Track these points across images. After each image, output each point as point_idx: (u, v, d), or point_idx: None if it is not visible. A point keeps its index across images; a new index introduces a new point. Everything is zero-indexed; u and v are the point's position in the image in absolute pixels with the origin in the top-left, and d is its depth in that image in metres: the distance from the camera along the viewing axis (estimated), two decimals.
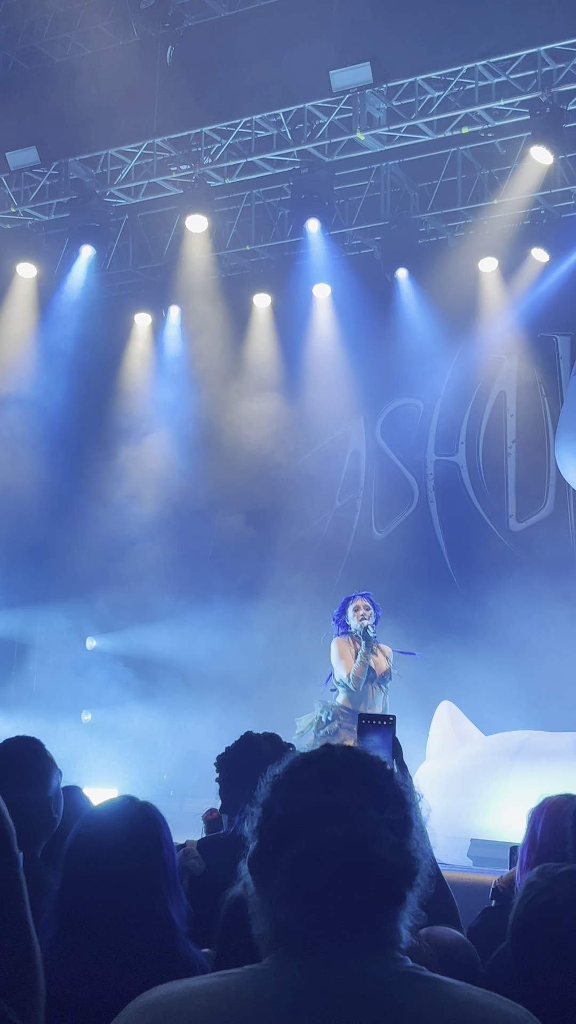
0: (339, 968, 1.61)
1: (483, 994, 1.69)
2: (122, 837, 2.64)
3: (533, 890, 2.55)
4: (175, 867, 2.71)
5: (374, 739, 2.97)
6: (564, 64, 9.82)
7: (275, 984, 1.62)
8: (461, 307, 12.18)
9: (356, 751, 1.78)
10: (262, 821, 1.72)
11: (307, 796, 1.68)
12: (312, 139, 10.90)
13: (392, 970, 1.65)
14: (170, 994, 1.65)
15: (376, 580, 11.95)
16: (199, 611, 12.13)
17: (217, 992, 1.63)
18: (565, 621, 10.48)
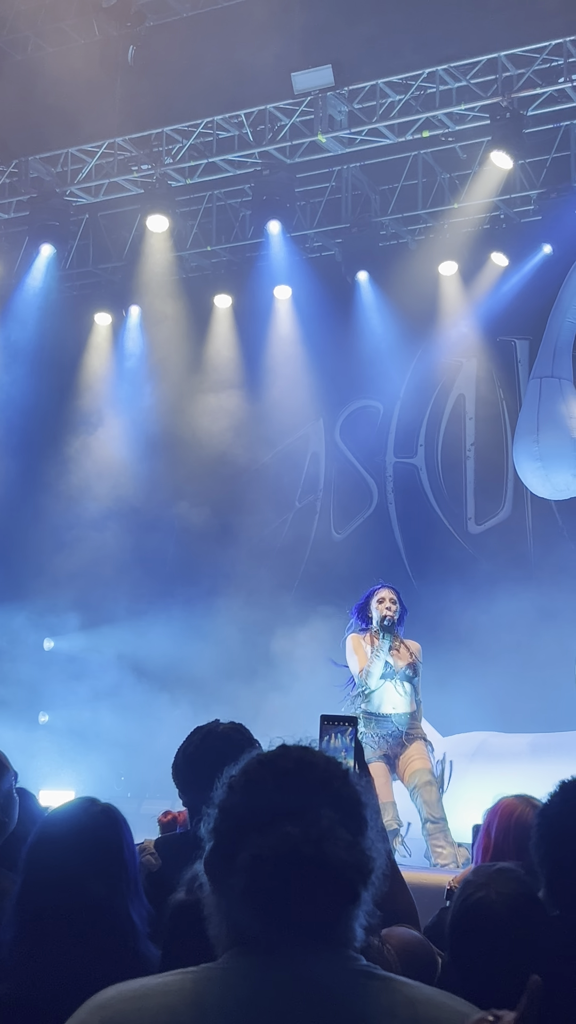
0: (294, 966, 1.62)
1: (436, 992, 1.71)
2: (84, 839, 2.63)
3: (468, 888, 2.57)
4: (137, 869, 2.71)
5: (335, 741, 2.96)
6: (524, 70, 9.89)
7: (230, 982, 1.63)
8: (421, 310, 12.23)
9: (311, 751, 1.78)
10: (218, 821, 1.72)
11: (262, 796, 1.69)
12: (273, 141, 10.91)
13: (346, 968, 1.66)
14: (123, 993, 1.65)
15: (335, 582, 11.99)
16: (158, 611, 12.11)
17: (172, 990, 1.63)
18: (522, 624, 10.54)
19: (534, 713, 10.59)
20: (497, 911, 2.47)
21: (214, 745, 3.26)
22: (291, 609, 11.84)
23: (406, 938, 2.82)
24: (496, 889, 2.52)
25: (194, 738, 3.38)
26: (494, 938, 2.43)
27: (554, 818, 2.70)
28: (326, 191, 12.42)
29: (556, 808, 2.71)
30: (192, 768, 3.27)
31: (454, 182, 11.85)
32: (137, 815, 5.30)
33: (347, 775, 1.76)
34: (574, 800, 2.70)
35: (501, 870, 2.60)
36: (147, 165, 11.44)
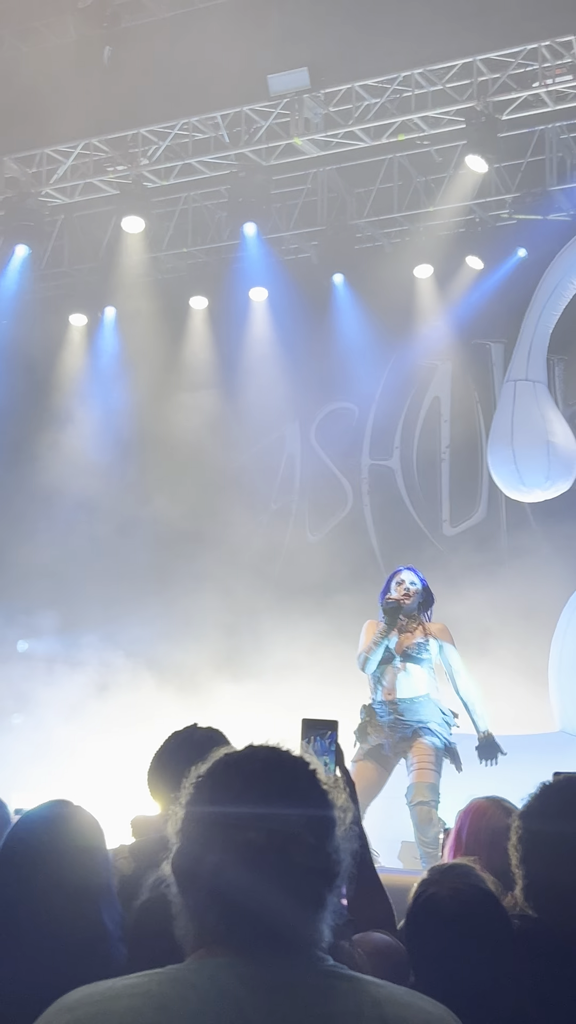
0: (259, 967, 1.63)
1: (404, 992, 1.73)
2: (56, 842, 2.63)
3: (421, 887, 2.60)
4: (109, 873, 2.71)
5: (316, 744, 2.95)
6: (499, 74, 9.93)
7: (195, 983, 1.63)
8: (396, 313, 12.26)
9: (279, 751, 1.78)
10: (184, 823, 1.73)
11: (228, 799, 1.69)
12: (250, 143, 10.91)
13: (313, 969, 1.67)
14: (90, 995, 1.65)
15: (310, 583, 12.01)
16: (132, 613, 12.08)
17: (138, 992, 1.63)
18: (496, 625, 10.58)
19: (508, 715, 10.62)
20: (447, 906, 2.50)
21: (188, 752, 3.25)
22: (266, 611, 11.84)
23: (378, 943, 2.83)
24: (447, 885, 2.54)
25: (169, 744, 3.37)
26: (445, 932, 2.46)
27: (533, 821, 2.71)
28: (302, 193, 12.44)
29: (535, 811, 2.73)
30: (166, 774, 3.26)
31: (429, 185, 11.88)
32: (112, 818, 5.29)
33: (314, 775, 1.76)
34: (553, 803, 2.72)
35: (453, 866, 2.63)
36: (123, 166, 11.42)
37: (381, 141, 10.70)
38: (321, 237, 12.33)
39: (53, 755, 11.43)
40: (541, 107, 10.12)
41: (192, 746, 3.31)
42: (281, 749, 1.79)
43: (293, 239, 12.83)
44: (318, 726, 2.98)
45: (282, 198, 12.41)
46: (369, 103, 10.39)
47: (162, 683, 11.47)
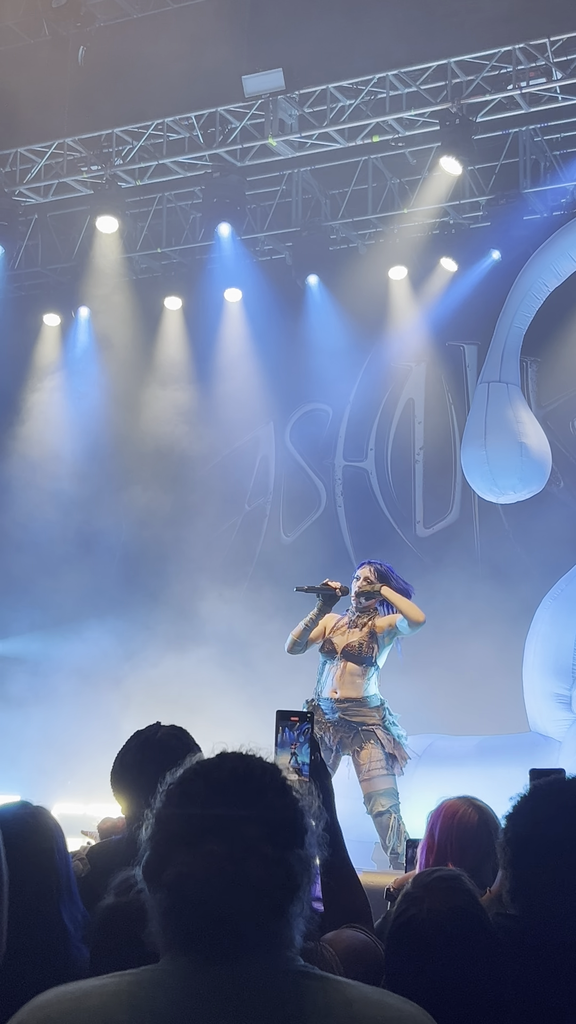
0: (229, 968, 1.65)
1: (375, 991, 1.73)
2: (14, 843, 2.62)
3: (403, 904, 2.57)
4: (69, 873, 2.70)
5: (287, 736, 2.97)
6: (473, 76, 9.96)
7: (166, 984, 1.65)
8: (371, 314, 12.27)
9: (249, 759, 1.79)
10: (154, 830, 1.75)
11: (194, 808, 1.71)
12: (224, 143, 10.90)
13: (282, 969, 1.68)
14: (63, 995, 1.67)
15: (284, 584, 11.97)
16: (104, 613, 12.04)
17: (110, 992, 1.65)
18: (469, 626, 10.60)
19: (481, 716, 10.65)
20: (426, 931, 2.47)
21: (150, 753, 3.24)
22: (240, 611, 11.83)
23: (351, 942, 2.82)
24: (428, 905, 2.50)
25: (131, 744, 3.36)
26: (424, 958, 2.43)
27: (521, 822, 2.72)
28: (276, 194, 12.44)
29: (525, 813, 2.74)
30: (128, 775, 3.25)
31: (404, 187, 11.91)
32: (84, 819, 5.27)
33: (283, 784, 1.77)
34: (542, 805, 2.72)
35: (440, 879, 2.59)
36: (97, 166, 11.39)
37: (356, 143, 10.72)
38: (295, 238, 12.33)
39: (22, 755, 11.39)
40: (515, 109, 10.15)
41: (153, 746, 3.30)
42: (252, 757, 1.80)
43: (268, 240, 12.83)
44: (291, 717, 3.00)
45: (256, 199, 12.41)
46: (344, 104, 10.40)
47: (133, 682, 11.43)
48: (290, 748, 2.94)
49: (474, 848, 3.51)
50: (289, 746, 2.95)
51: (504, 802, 2.88)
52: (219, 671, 11.11)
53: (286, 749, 2.96)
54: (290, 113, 10.46)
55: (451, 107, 9.99)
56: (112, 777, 3.35)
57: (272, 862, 1.67)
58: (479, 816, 3.57)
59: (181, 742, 3.31)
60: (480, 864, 3.46)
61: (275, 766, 1.80)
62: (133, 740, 3.37)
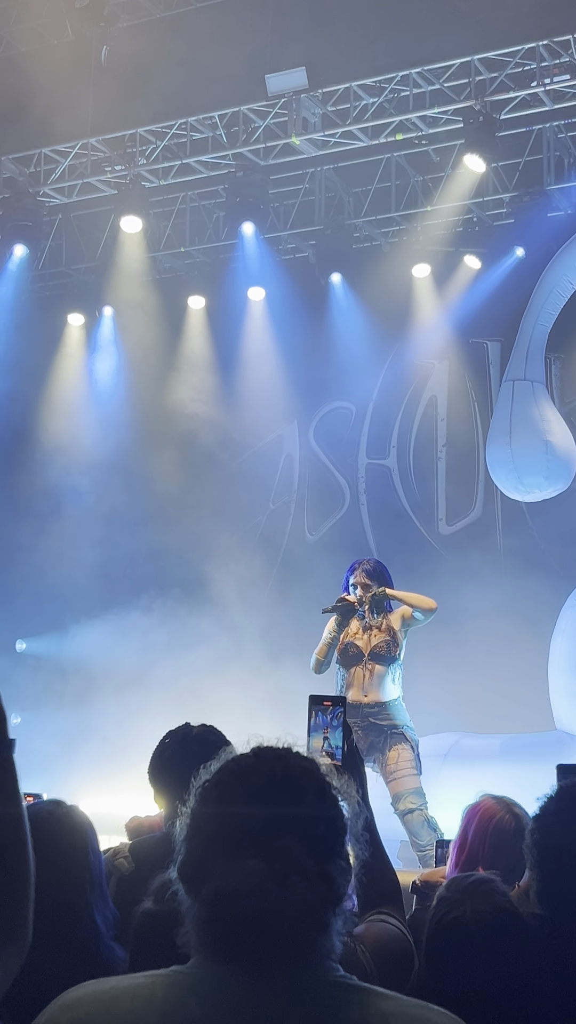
0: (264, 977, 1.62)
1: (413, 1004, 1.69)
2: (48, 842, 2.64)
3: (443, 906, 2.56)
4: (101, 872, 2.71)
5: (320, 721, 2.99)
6: (497, 73, 9.93)
7: (199, 990, 1.62)
8: (394, 312, 12.26)
9: (287, 758, 1.74)
10: (190, 832, 1.71)
11: (231, 813, 1.67)
12: (247, 142, 10.91)
13: (320, 980, 1.65)
14: (93, 994, 1.66)
15: (309, 582, 12.01)
16: (131, 613, 12.07)
17: (142, 994, 1.63)
18: (493, 625, 10.58)
19: (506, 714, 10.63)
20: (472, 931, 2.46)
21: (190, 748, 3.26)
22: (265, 609, 11.85)
23: (382, 937, 2.82)
24: (471, 907, 2.50)
25: (169, 741, 3.38)
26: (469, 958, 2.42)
27: (548, 823, 2.72)
28: (300, 193, 12.44)
29: (551, 814, 2.73)
30: (168, 771, 3.27)
31: (427, 185, 11.89)
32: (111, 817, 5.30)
33: (323, 785, 1.73)
34: (569, 806, 2.72)
35: (477, 883, 2.59)
36: (120, 166, 11.42)
37: (379, 141, 10.70)
38: (319, 237, 12.33)
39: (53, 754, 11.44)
40: (539, 106, 10.13)
41: (192, 741, 3.32)
42: (289, 754, 1.75)
43: (291, 239, 12.84)
44: (324, 702, 3.01)
45: (280, 198, 12.41)
46: (367, 103, 10.39)
47: (160, 682, 11.46)
48: (323, 732, 2.96)
49: (507, 853, 3.50)
50: (322, 730, 2.96)
51: (529, 801, 2.88)
52: (244, 668, 11.13)
53: (319, 733, 2.97)
54: (313, 111, 10.46)
55: (475, 104, 9.97)
56: (150, 774, 3.37)
57: (315, 878, 1.63)
58: (515, 823, 3.55)
59: (216, 736, 3.33)
60: (511, 869, 3.46)
61: (314, 764, 1.75)
62: (169, 737, 3.39)
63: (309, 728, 2.97)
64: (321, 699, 3.02)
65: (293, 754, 1.76)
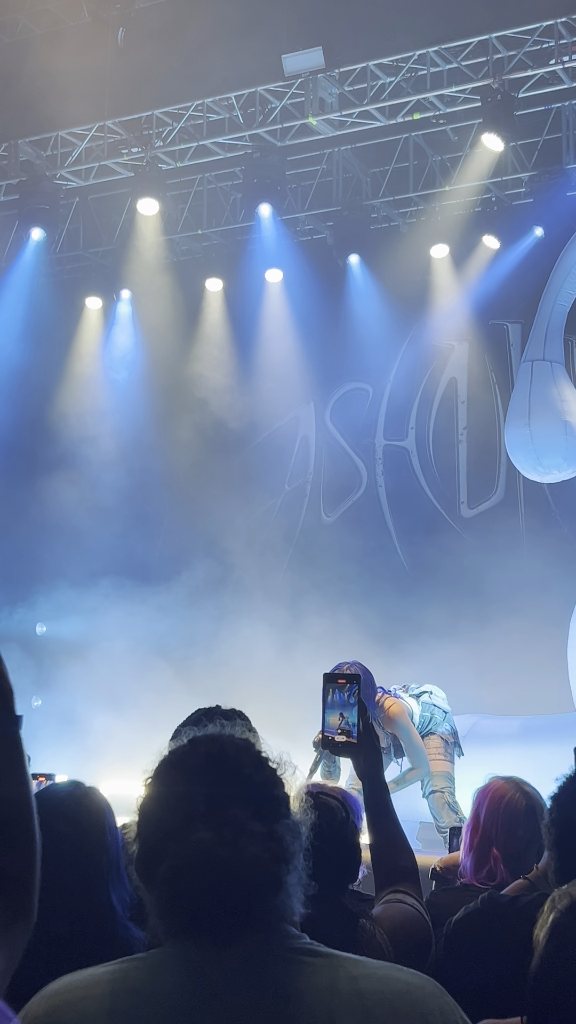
0: (230, 949, 1.65)
1: (382, 966, 1.73)
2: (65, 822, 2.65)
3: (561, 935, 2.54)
4: (119, 853, 2.73)
5: (335, 698, 2.99)
6: (515, 51, 9.86)
7: (168, 967, 1.67)
8: (412, 293, 12.22)
9: (220, 740, 1.80)
10: (140, 826, 1.77)
11: (175, 799, 1.73)
12: (264, 123, 10.87)
13: (284, 947, 1.69)
14: (71, 983, 1.71)
15: (325, 564, 12.04)
16: (147, 596, 12.10)
17: (116, 978, 1.68)
18: (514, 607, 10.57)
19: (525, 696, 10.62)
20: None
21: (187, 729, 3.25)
22: (280, 592, 11.87)
23: (399, 919, 2.84)
24: None
25: (193, 717, 3.39)
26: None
27: (566, 803, 2.73)
28: (317, 174, 12.39)
29: (569, 793, 2.74)
30: None
31: (445, 164, 11.82)
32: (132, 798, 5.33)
33: (259, 758, 1.79)
34: None
35: None
36: (137, 148, 11.39)
37: (396, 120, 10.64)
38: (336, 218, 12.29)
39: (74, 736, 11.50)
40: (558, 84, 10.05)
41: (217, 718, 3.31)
42: (223, 736, 1.81)
43: (308, 220, 12.80)
44: (338, 679, 3.01)
45: (297, 179, 12.37)
46: (384, 82, 10.32)
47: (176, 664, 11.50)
48: (339, 710, 2.96)
49: (520, 832, 3.51)
50: (338, 708, 2.97)
51: (548, 783, 2.89)
52: (260, 649, 11.16)
53: (335, 711, 2.97)
54: (330, 92, 10.41)
55: (492, 83, 9.90)
56: None
57: (264, 838, 1.68)
58: (527, 801, 3.56)
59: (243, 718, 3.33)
60: (525, 848, 3.46)
61: (247, 741, 1.81)
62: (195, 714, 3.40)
63: (324, 706, 2.98)
64: (336, 677, 3.03)
65: (227, 736, 1.82)
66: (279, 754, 1.83)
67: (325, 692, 3.00)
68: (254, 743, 1.81)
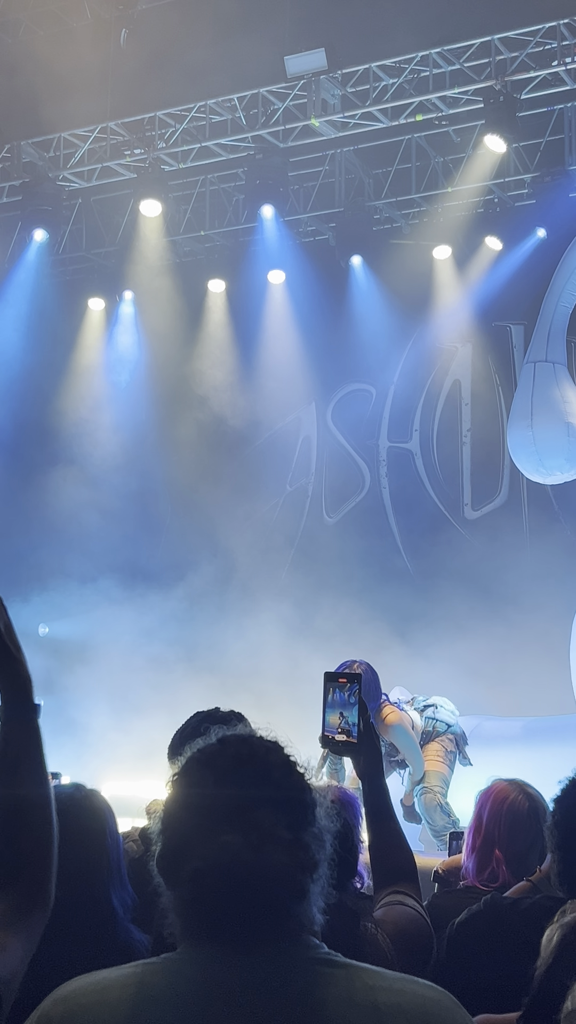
0: (250, 956, 1.64)
1: (399, 978, 1.72)
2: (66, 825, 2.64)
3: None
4: (120, 856, 2.72)
5: (336, 697, 2.98)
6: (517, 53, 9.85)
7: (185, 973, 1.65)
8: (415, 294, 12.21)
9: (250, 742, 1.79)
10: (164, 824, 1.75)
11: (202, 797, 1.71)
12: (267, 125, 10.87)
13: (303, 956, 1.68)
14: (84, 986, 1.69)
15: (327, 565, 12.03)
16: (149, 596, 12.11)
17: (132, 982, 1.66)
18: (518, 609, 10.57)
19: (528, 697, 10.62)
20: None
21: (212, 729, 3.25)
22: (283, 591, 11.87)
23: (401, 922, 2.83)
24: None
25: (192, 721, 3.39)
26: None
27: (569, 805, 2.73)
28: (319, 175, 12.39)
29: (573, 795, 2.74)
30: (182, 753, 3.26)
31: (448, 166, 11.82)
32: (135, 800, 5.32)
33: (288, 762, 1.77)
34: None
35: None
36: (140, 149, 11.39)
37: (399, 122, 10.64)
38: (339, 219, 12.29)
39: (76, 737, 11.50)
40: (560, 86, 10.04)
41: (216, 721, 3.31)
42: (253, 737, 1.80)
43: (311, 221, 12.80)
44: (339, 679, 3.01)
45: (299, 180, 12.36)
46: (386, 83, 10.33)
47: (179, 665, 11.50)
48: (339, 710, 2.96)
49: (522, 834, 3.50)
50: (338, 707, 2.96)
51: (551, 784, 2.89)
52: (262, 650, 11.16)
53: (335, 710, 2.97)
54: (333, 93, 10.40)
55: (495, 84, 9.90)
56: (170, 751, 3.37)
57: (289, 845, 1.67)
58: (529, 803, 3.56)
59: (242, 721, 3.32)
60: (527, 850, 3.46)
61: (277, 744, 1.80)
62: (195, 717, 3.39)
63: (325, 705, 2.97)
64: (337, 676, 3.02)
65: (257, 737, 1.80)
66: (307, 759, 1.81)
67: (326, 691, 2.99)
68: (283, 746, 1.80)
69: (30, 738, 1.91)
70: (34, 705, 1.94)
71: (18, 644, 2.04)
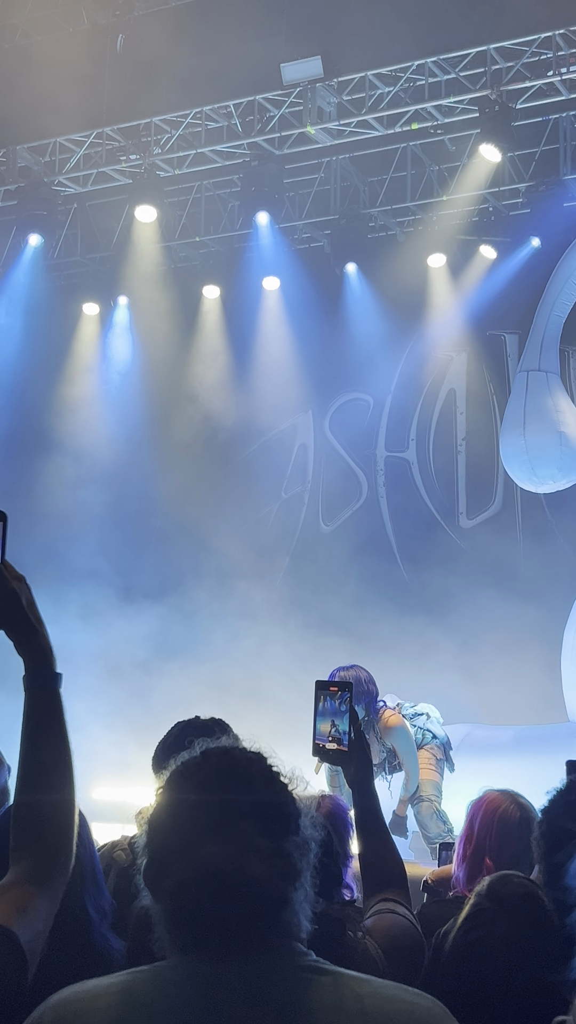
0: (237, 964, 1.65)
1: (388, 985, 1.73)
2: None
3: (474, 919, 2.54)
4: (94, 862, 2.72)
5: (327, 705, 2.99)
6: (513, 63, 9.88)
7: (176, 981, 1.66)
8: (410, 303, 12.23)
9: (233, 753, 1.80)
10: (149, 836, 1.76)
11: (184, 809, 1.73)
12: (262, 132, 10.88)
13: (291, 964, 1.68)
14: (75, 994, 1.70)
15: (323, 573, 12.02)
16: (139, 602, 12.08)
17: (122, 991, 1.67)
18: (510, 618, 10.58)
19: (520, 705, 10.62)
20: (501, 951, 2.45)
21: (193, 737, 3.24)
22: (277, 599, 11.86)
23: (392, 931, 2.83)
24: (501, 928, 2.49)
25: (174, 730, 3.39)
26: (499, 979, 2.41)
27: (556, 816, 2.72)
28: (315, 182, 12.40)
29: (560, 806, 2.74)
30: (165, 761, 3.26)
31: (443, 174, 11.84)
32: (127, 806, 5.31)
33: (270, 772, 1.78)
34: None
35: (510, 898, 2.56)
36: (135, 155, 11.40)
37: (394, 130, 10.65)
38: (334, 226, 12.30)
39: None
40: (555, 95, 10.07)
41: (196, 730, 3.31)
42: (235, 748, 1.81)
43: (306, 228, 12.81)
44: (330, 687, 3.01)
45: (295, 187, 12.38)
46: (382, 92, 10.35)
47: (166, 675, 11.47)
48: (330, 718, 2.96)
49: (513, 844, 3.50)
50: (329, 716, 2.97)
51: (541, 793, 2.89)
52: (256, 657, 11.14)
53: (326, 719, 2.97)
54: (328, 101, 10.42)
55: (490, 94, 9.92)
56: (154, 763, 3.37)
57: (270, 854, 1.68)
58: (520, 813, 3.56)
59: (223, 728, 3.32)
60: (518, 860, 3.45)
61: (259, 755, 1.81)
62: (176, 727, 3.39)
63: (316, 713, 2.98)
64: (327, 684, 3.03)
65: (239, 749, 1.82)
66: (291, 769, 1.82)
67: (316, 699, 3.00)
68: (267, 757, 1.81)
69: (52, 705, 2.00)
70: (55, 674, 2.05)
71: (40, 618, 2.16)
